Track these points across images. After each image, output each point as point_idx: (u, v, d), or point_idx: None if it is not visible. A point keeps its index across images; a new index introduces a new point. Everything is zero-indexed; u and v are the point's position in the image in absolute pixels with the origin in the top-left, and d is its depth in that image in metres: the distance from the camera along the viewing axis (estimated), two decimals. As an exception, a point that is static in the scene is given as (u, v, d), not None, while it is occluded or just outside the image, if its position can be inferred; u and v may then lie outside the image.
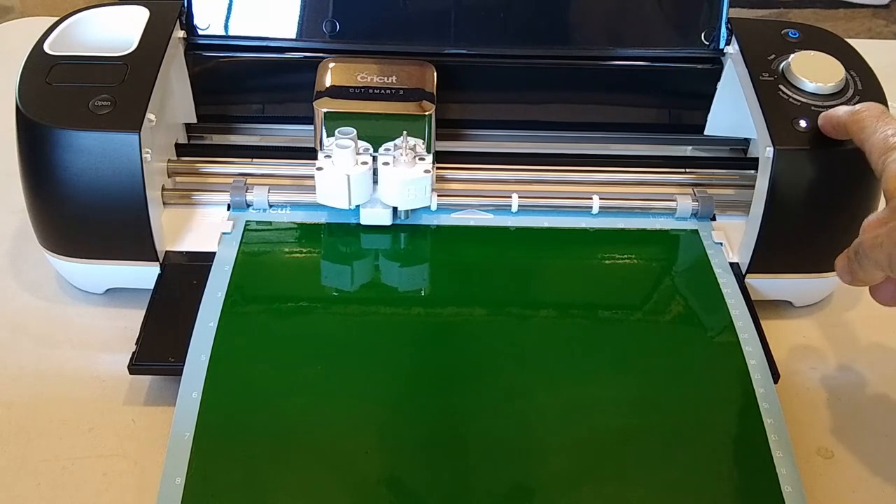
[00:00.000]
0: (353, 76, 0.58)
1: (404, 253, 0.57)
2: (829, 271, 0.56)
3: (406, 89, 0.57)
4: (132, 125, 0.52)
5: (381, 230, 0.57)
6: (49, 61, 0.56)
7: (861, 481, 0.49)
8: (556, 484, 0.45)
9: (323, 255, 0.56)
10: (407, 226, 0.58)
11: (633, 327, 0.53)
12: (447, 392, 0.49)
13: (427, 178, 0.54)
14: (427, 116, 0.56)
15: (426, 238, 0.58)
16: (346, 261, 0.56)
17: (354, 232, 0.57)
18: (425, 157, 0.55)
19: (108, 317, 0.56)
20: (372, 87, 0.57)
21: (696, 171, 0.62)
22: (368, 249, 0.57)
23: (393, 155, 0.55)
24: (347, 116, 0.56)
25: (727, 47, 0.62)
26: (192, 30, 0.61)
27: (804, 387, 0.54)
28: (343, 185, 0.54)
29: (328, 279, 0.55)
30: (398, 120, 0.56)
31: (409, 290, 0.55)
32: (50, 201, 0.54)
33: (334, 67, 0.59)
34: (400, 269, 0.56)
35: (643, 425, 0.48)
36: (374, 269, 0.56)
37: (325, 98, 0.57)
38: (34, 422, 0.50)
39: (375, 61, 0.59)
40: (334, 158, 0.54)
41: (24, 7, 1.58)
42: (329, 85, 0.57)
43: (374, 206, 0.56)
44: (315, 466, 0.45)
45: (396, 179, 0.54)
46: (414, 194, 0.55)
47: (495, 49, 0.62)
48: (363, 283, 0.55)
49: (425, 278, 0.56)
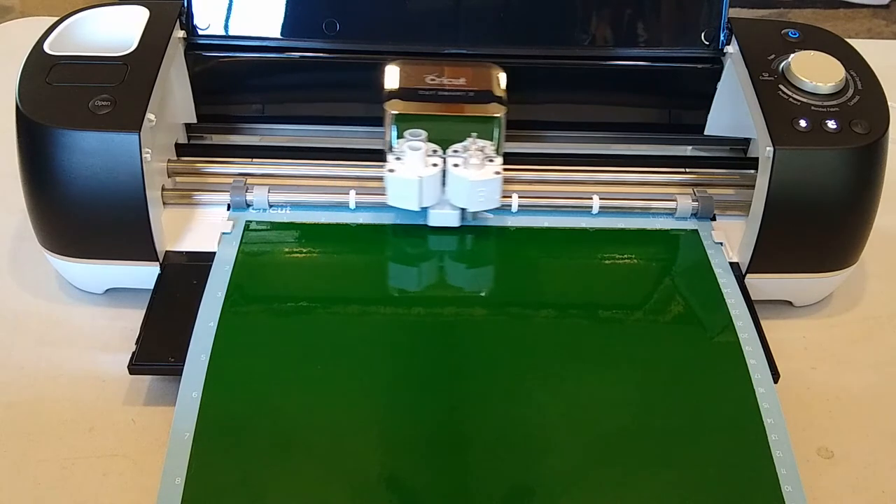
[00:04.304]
0: (422, 78, 0.58)
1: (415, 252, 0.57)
2: (829, 271, 0.57)
3: (476, 91, 0.57)
4: (132, 125, 0.52)
5: (376, 229, 0.58)
6: (49, 61, 0.56)
7: (861, 481, 0.49)
8: (556, 483, 0.45)
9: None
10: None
11: (633, 327, 0.53)
12: (447, 392, 0.49)
13: (498, 179, 0.54)
14: (498, 119, 0.56)
15: (424, 237, 0.58)
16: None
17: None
18: (494, 159, 0.55)
19: (108, 317, 0.56)
20: (442, 88, 0.57)
21: (696, 171, 0.62)
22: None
23: (463, 157, 0.55)
24: (418, 118, 0.56)
25: (727, 47, 0.62)
26: (192, 30, 0.61)
27: (804, 387, 0.54)
28: (414, 187, 0.54)
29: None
30: (469, 122, 0.56)
31: (408, 289, 0.55)
32: (50, 201, 0.54)
33: (403, 69, 0.59)
34: (396, 267, 0.56)
35: (643, 425, 0.48)
36: (374, 269, 0.56)
37: (395, 100, 0.57)
38: (34, 422, 0.50)
39: (444, 63, 0.59)
40: (405, 160, 0.54)
41: (24, 7, 1.58)
42: (398, 87, 0.57)
43: (442, 207, 0.57)
44: (315, 466, 0.45)
45: (467, 181, 0.54)
46: (484, 196, 0.55)
47: (495, 49, 0.62)
48: (367, 282, 0.55)
49: (424, 278, 0.56)
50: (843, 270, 0.57)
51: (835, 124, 0.54)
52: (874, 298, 0.60)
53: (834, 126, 0.54)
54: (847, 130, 0.54)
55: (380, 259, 0.57)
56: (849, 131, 0.54)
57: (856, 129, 0.54)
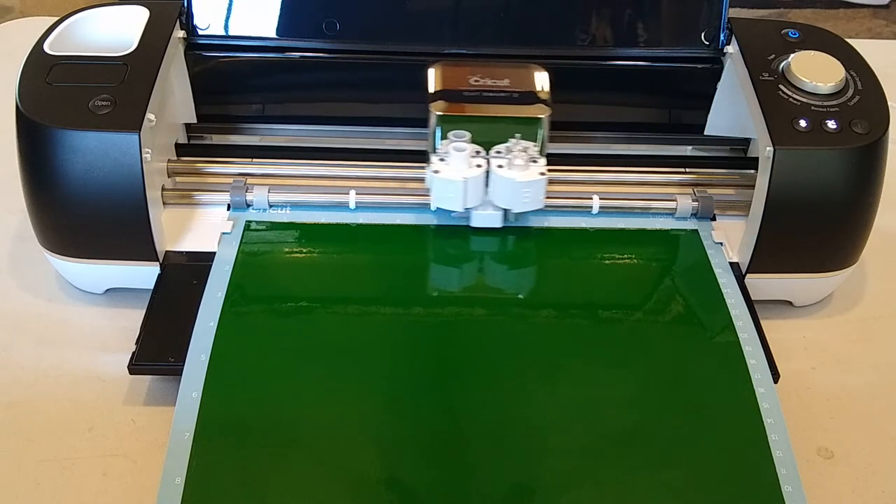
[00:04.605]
0: (466, 79, 0.58)
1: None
2: (829, 271, 0.56)
3: (520, 92, 0.57)
4: (132, 125, 0.52)
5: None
6: (49, 61, 0.56)
7: (861, 481, 0.49)
8: (556, 483, 0.45)
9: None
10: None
11: (633, 327, 0.53)
12: (447, 392, 0.49)
13: (543, 180, 0.54)
14: (542, 120, 0.56)
15: (424, 237, 0.58)
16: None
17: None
18: (538, 160, 0.55)
19: (108, 317, 0.56)
20: (486, 90, 0.57)
21: (696, 170, 0.62)
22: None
23: (507, 158, 0.55)
24: (462, 119, 0.56)
25: (727, 47, 0.61)
26: (192, 30, 0.61)
27: (804, 387, 0.54)
28: (459, 188, 0.54)
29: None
30: (513, 123, 0.56)
31: (407, 289, 0.55)
32: (50, 201, 0.54)
33: (446, 70, 0.59)
34: (400, 268, 0.56)
35: (643, 425, 0.48)
36: (374, 269, 0.56)
37: (439, 101, 0.56)
38: (34, 422, 0.50)
39: (487, 64, 0.59)
40: (449, 161, 0.54)
41: (24, 7, 1.58)
42: (442, 88, 0.57)
43: (485, 208, 0.57)
44: (315, 466, 0.45)
45: (513, 182, 0.54)
46: (529, 197, 0.55)
47: (495, 49, 0.62)
48: (366, 283, 0.55)
49: (424, 277, 0.56)
50: (843, 270, 0.57)
51: (835, 124, 0.54)
52: (874, 298, 0.60)
53: (834, 126, 0.54)
54: (847, 130, 0.54)
55: (380, 258, 0.57)
56: (849, 131, 0.54)
57: (856, 129, 0.54)
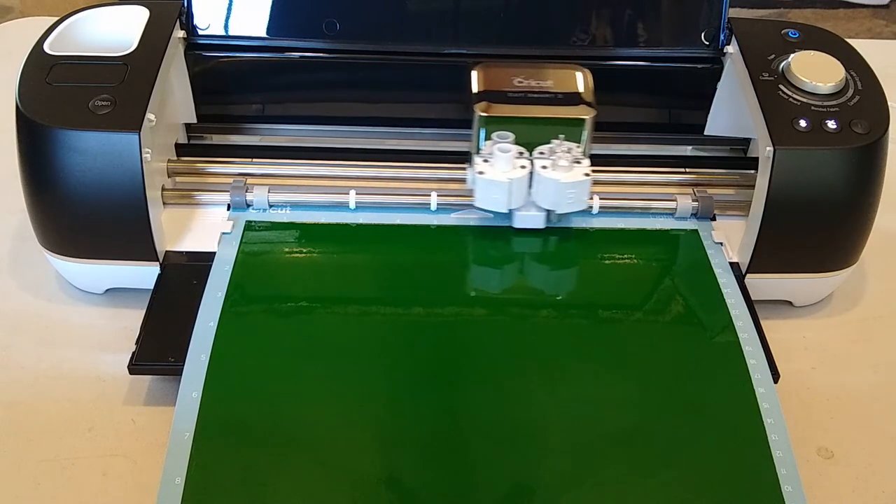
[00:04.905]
0: (510, 80, 0.58)
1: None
2: (829, 271, 0.56)
3: (564, 93, 0.57)
4: (132, 125, 0.52)
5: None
6: (49, 61, 0.56)
7: (861, 481, 0.49)
8: (556, 483, 0.45)
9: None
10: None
11: (633, 327, 0.53)
12: (447, 393, 0.49)
13: (587, 181, 0.55)
14: (586, 121, 0.56)
15: (424, 236, 0.58)
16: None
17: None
18: (582, 161, 0.55)
19: (108, 317, 0.56)
20: (530, 91, 0.57)
21: (696, 171, 0.62)
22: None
23: (551, 159, 0.55)
24: (507, 120, 0.56)
25: (727, 47, 0.61)
26: (192, 30, 0.61)
27: (804, 387, 0.54)
28: (504, 189, 0.54)
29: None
30: (557, 124, 0.56)
31: (407, 290, 0.55)
32: (50, 201, 0.54)
33: (489, 71, 0.58)
34: (399, 270, 0.56)
35: (643, 425, 0.48)
36: (374, 269, 0.56)
37: (483, 102, 0.56)
38: (34, 422, 0.50)
39: (530, 66, 0.59)
40: (494, 162, 0.55)
41: (24, 7, 1.58)
42: (486, 89, 0.57)
43: (528, 209, 0.57)
44: (315, 466, 0.45)
45: (557, 183, 0.54)
46: (574, 198, 0.55)
47: (495, 49, 0.62)
48: (366, 283, 0.55)
49: (423, 278, 0.56)
50: (843, 270, 0.57)
51: (835, 124, 0.54)
52: (874, 298, 0.60)
53: (834, 126, 0.54)
54: (847, 130, 0.54)
55: (378, 258, 0.57)
56: (849, 131, 0.54)
57: (856, 129, 0.54)
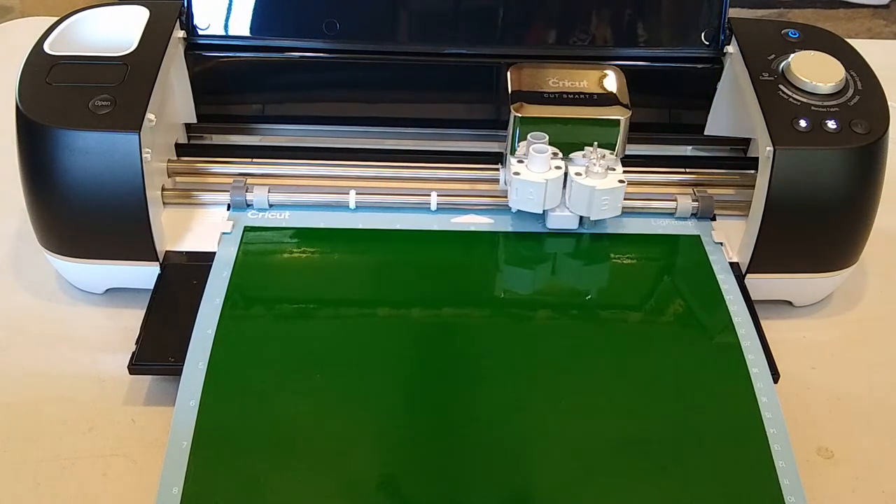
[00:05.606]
0: (546, 81, 0.58)
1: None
2: (829, 271, 0.56)
3: (599, 95, 0.57)
4: (132, 125, 0.52)
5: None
6: (49, 61, 0.56)
7: (861, 481, 0.49)
8: (555, 483, 0.45)
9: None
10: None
11: (633, 327, 0.53)
12: (447, 397, 0.49)
13: (621, 188, 0.55)
14: (621, 121, 0.56)
15: (423, 241, 0.58)
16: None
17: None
18: (616, 168, 0.55)
19: (108, 317, 0.56)
20: (565, 92, 0.57)
21: (696, 171, 0.62)
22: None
23: (585, 165, 0.55)
24: (542, 121, 0.56)
25: (727, 47, 0.61)
26: (192, 30, 0.61)
27: (804, 387, 0.54)
28: (540, 190, 0.54)
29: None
30: (592, 125, 0.56)
31: (406, 293, 0.55)
32: (50, 201, 0.54)
33: (525, 72, 0.58)
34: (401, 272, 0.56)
35: (643, 426, 0.48)
36: (374, 272, 0.56)
37: (519, 103, 0.56)
38: (34, 422, 0.50)
39: (565, 66, 0.59)
40: (529, 163, 0.55)
41: (24, 7, 1.58)
42: (521, 89, 0.57)
43: (561, 210, 0.57)
44: (314, 474, 0.45)
45: (592, 190, 0.54)
46: (608, 204, 0.55)
47: (495, 49, 0.62)
48: (366, 285, 0.55)
49: (422, 280, 0.56)
50: (843, 270, 0.57)
51: (835, 124, 0.54)
52: (874, 298, 0.60)
53: (834, 126, 0.54)
54: (847, 130, 0.54)
55: (380, 260, 0.57)
56: (849, 131, 0.54)
57: (856, 129, 0.54)
